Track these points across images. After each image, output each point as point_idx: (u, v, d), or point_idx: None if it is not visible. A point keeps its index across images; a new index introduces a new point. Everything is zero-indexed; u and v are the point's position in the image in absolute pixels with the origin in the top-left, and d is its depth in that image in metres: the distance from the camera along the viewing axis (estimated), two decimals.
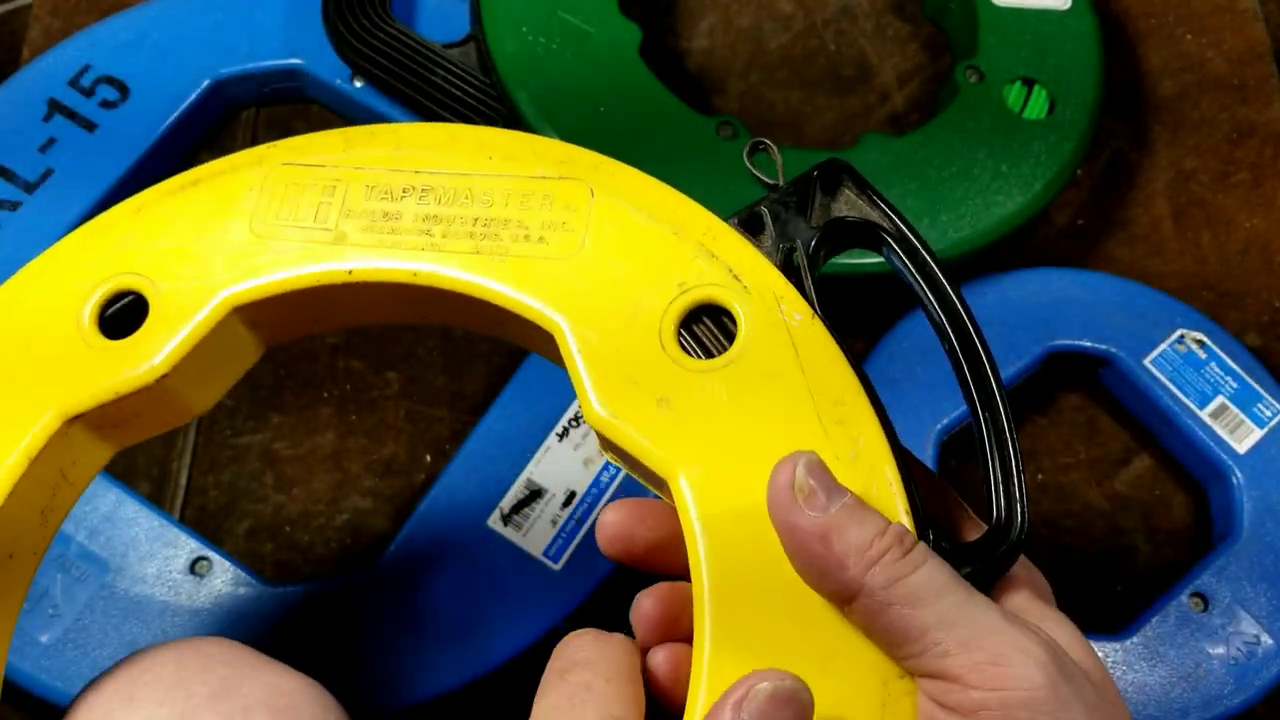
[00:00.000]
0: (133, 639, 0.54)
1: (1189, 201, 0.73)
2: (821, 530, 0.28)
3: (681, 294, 0.33)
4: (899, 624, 0.27)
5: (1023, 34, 0.69)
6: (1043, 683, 0.26)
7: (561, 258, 0.34)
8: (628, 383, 0.32)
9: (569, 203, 0.34)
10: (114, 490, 0.56)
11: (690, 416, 0.31)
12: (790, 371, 0.32)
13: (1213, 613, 0.57)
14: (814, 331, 0.32)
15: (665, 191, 0.35)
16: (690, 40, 0.77)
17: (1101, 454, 0.65)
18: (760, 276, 0.33)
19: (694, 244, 0.34)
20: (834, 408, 0.31)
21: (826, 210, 0.35)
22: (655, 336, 0.32)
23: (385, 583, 0.56)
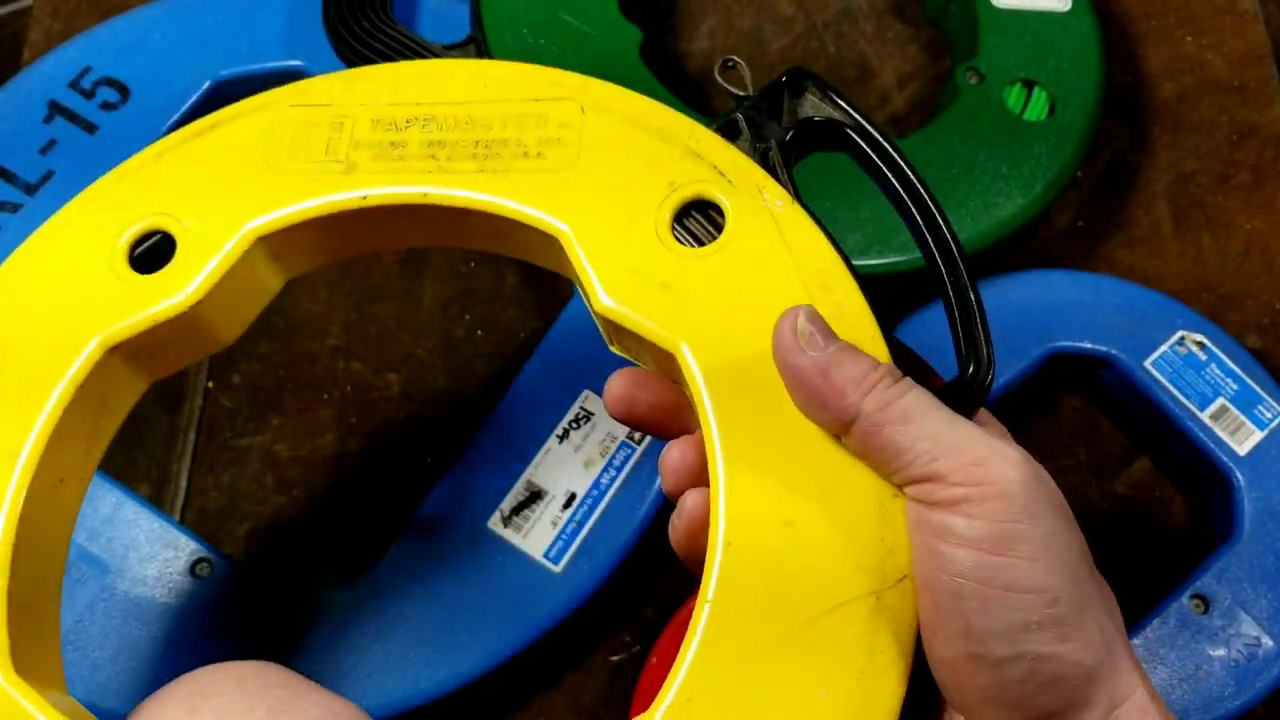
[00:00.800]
0: (133, 641, 0.54)
1: (1189, 203, 0.73)
2: (821, 366, 0.32)
3: (673, 191, 0.36)
4: (893, 440, 0.31)
5: (1023, 36, 0.69)
6: (1017, 479, 0.30)
7: (559, 169, 0.37)
8: (630, 273, 0.35)
9: (562, 120, 0.37)
10: (114, 492, 0.56)
11: (690, 295, 0.35)
12: (776, 250, 0.35)
13: (1213, 615, 0.57)
14: (794, 214, 0.36)
15: (650, 104, 0.38)
16: (691, 42, 0.77)
17: (1102, 455, 0.65)
18: (743, 171, 0.36)
19: (680, 147, 0.37)
20: (818, 276, 0.35)
21: (795, 113, 0.39)
22: (652, 231, 0.35)
23: (386, 584, 0.56)
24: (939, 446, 0.30)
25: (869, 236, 0.61)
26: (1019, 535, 0.29)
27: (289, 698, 0.39)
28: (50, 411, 0.36)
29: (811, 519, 0.32)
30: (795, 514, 0.32)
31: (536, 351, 0.62)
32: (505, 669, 0.55)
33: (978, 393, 0.34)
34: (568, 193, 0.36)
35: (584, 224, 0.36)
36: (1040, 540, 0.29)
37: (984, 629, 0.29)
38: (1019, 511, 0.29)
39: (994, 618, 0.29)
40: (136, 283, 0.37)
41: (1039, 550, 0.29)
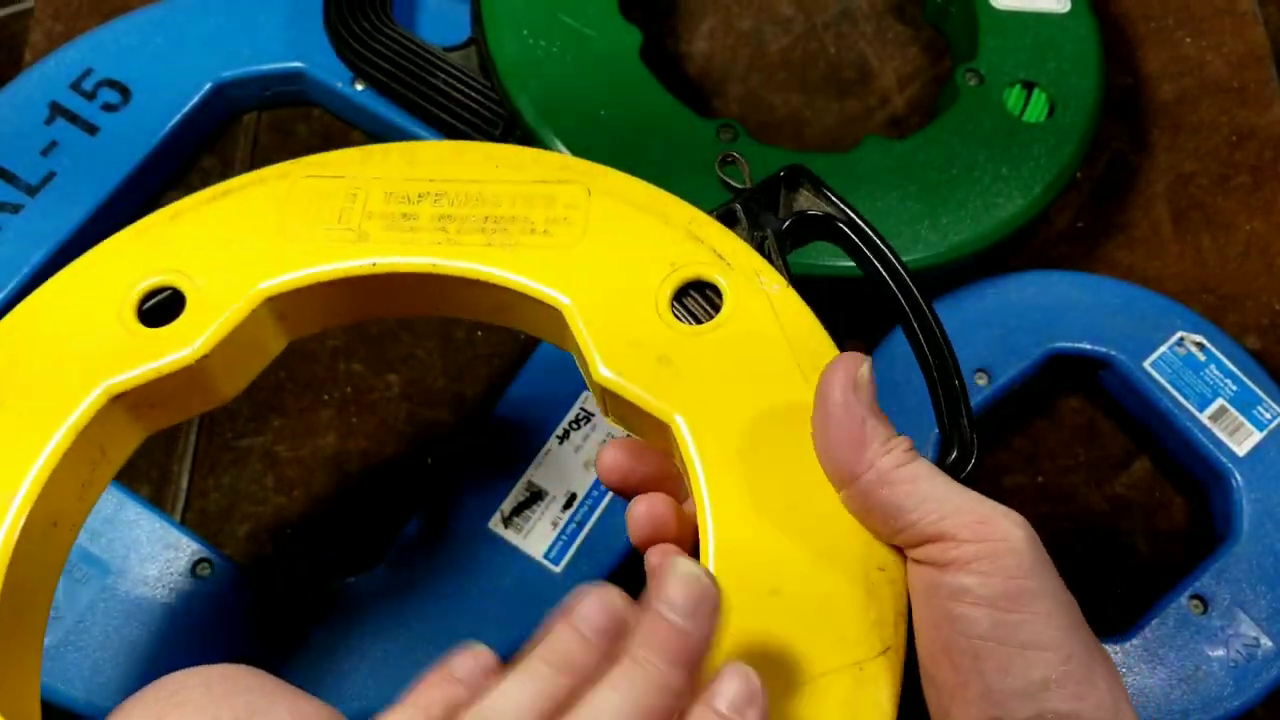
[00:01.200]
0: (134, 641, 0.54)
1: (1189, 204, 0.73)
2: (862, 415, 0.33)
3: (673, 271, 0.37)
4: (899, 500, 0.32)
5: (1022, 37, 0.69)
6: (1024, 537, 0.31)
7: (565, 246, 0.38)
8: (629, 346, 0.36)
9: (569, 201, 0.39)
10: (114, 492, 0.57)
11: (686, 370, 0.36)
12: (771, 331, 0.37)
13: (1212, 615, 0.57)
14: (789, 298, 0.37)
15: (654, 190, 0.40)
16: (690, 43, 0.77)
17: (1101, 456, 0.65)
18: (740, 255, 0.38)
19: (682, 230, 0.38)
20: (811, 358, 0.36)
21: (790, 206, 0.41)
22: (652, 308, 0.37)
23: (386, 585, 0.56)
24: (944, 506, 0.31)
25: None
26: (1032, 591, 0.30)
27: (258, 703, 0.39)
28: (50, 454, 0.36)
29: (797, 589, 0.33)
30: (781, 584, 0.33)
31: (536, 352, 0.62)
32: None
33: (970, 477, 0.36)
34: (572, 268, 0.38)
35: (586, 298, 0.37)
36: (1050, 596, 0.30)
37: (1004, 690, 0.30)
38: (1029, 568, 0.30)
39: (1014, 677, 0.30)
40: (144, 336, 0.38)
41: (1051, 606, 0.30)
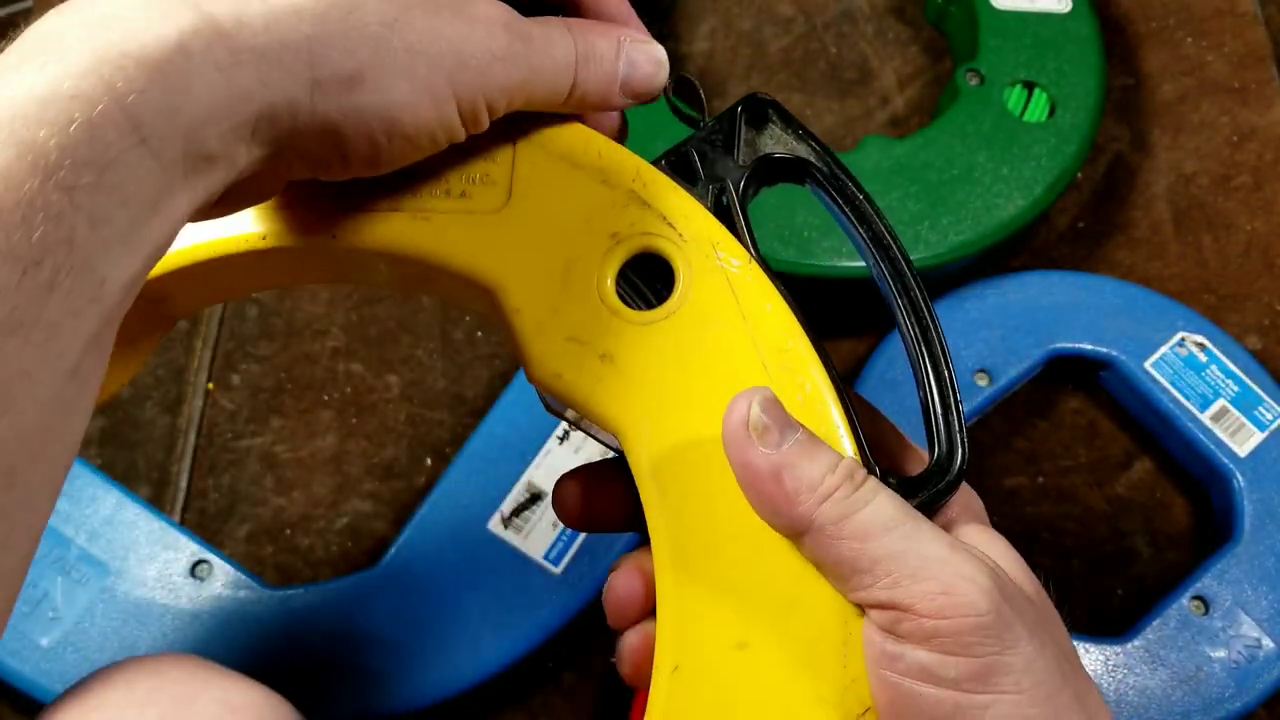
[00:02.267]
0: (133, 642, 0.54)
1: (1189, 204, 0.73)
2: (775, 467, 0.28)
3: (616, 244, 0.32)
4: (850, 557, 0.28)
5: (1023, 37, 0.69)
6: (988, 609, 0.27)
7: (486, 211, 0.32)
8: (569, 340, 0.31)
9: (490, 154, 0.32)
10: (114, 493, 0.56)
11: (635, 371, 0.31)
12: (732, 319, 0.31)
13: (1213, 616, 0.57)
14: (752, 276, 0.32)
15: (589, 136, 0.33)
16: (691, 43, 0.77)
17: (1102, 457, 0.65)
18: (694, 223, 0.32)
19: (624, 192, 0.32)
20: (777, 354, 0.31)
21: (754, 147, 0.34)
22: (593, 289, 0.31)
23: (385, 586, 0.56)
24: (901, 569, 0.27)
25: None
26: (1000, 668, 0.27)
27: (183, 695, 0.37)
28: None
29: (767, 641, 0.29)
30: (750, 635, 0.29)
31: None
32: (505, 669, 0.55)
33: (950, 486, 0.31)
34: (497, 239, 0.32)
35: (516, 276, 0.32)
36: (1021, 669, 0.27)
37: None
38: (996, 641, 0.27)
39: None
40: None
41: (1022, 681, 0.27)
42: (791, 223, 0.61)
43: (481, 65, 0.28)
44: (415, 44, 0.27)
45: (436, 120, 0.28)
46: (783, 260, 0.60)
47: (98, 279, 0.22)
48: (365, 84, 0.26)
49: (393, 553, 0.56)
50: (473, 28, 0.28)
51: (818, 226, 0.61)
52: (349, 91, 0.26)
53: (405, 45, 0.26)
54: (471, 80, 0.28)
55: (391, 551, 0.57)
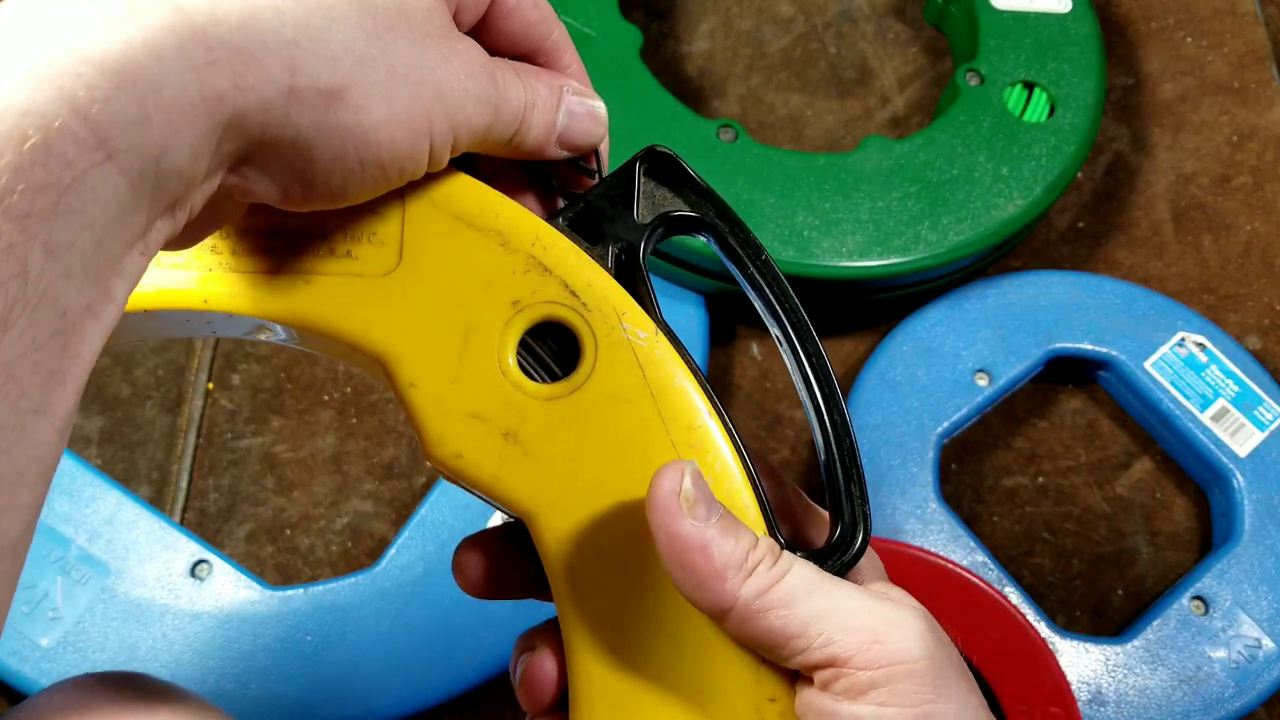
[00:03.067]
0: (133, 642, 0.54)
1: (1189, 205, 0.73)
2: (702, 542, 0.27)
3: (517, 313, 0.30)
4: (779, 627, 0.28)
5: (1023, 37, 0.69)
6: (921, 654, 0.27)
7: (375, 274, 0.30)
8: (470, 418, 0.29)
9: (377, 211, 0.30)
10: (114, 493, 0.56)
11: (540, 451, 0.29)
12: (639, 396, 0.30)
13: (1213, 616, 0.57)
14: (659, 349, 0.30)
15: (484, 193, 0.31)
16: (691, 43, 0.77)
17: (1102, 457, 0.65)
18: (598, 290, 0.30)
19: (524, 256, 0.30)
20: (686, 432, 0.30)
21: (654, 202, 0.32)
22: (494, 361, 0.30)
23: (385, 586, 0.56)
24: (832, 626, 0.27)
25: (869, 237, 0.61)
26: (936, 715, 0.27)
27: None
28: None
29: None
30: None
31: None
32: (505, 670, 0.55)
33: (856, 557, 0.31)
34: (387, 307, 0.29)
35: (410, 349, 0.29)
36: (954, 715, 0.27)
37: None
38: (930, 690, 0.27)
39: None
40: None
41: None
42: (791, 223, 0.61)
43: (458, 101, 0.27)
44: (398, 67, 0.25)
45: (409, 151, 0.26)
46: (783, 260, 0.60)
47: (58, 312, 0.20)
48: (344, 101, 0.24)
49: (393, 553, 0.56)
50: (454, 62, 0.27)
51: (817, 226, 0.62)
52: (327, 106, 0.24)
53: (389, 67, 0.25)
54: (446, 115, 0.26)
55: (391, 551, 0.57)
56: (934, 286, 0.65)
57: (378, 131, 0.25)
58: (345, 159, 0.25)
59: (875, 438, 0.60)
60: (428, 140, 0.26)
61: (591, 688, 0.29)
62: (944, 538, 0.58)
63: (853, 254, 0.61)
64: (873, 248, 0.61)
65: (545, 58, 0.31)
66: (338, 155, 0.25)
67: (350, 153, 0.25)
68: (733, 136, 0.64)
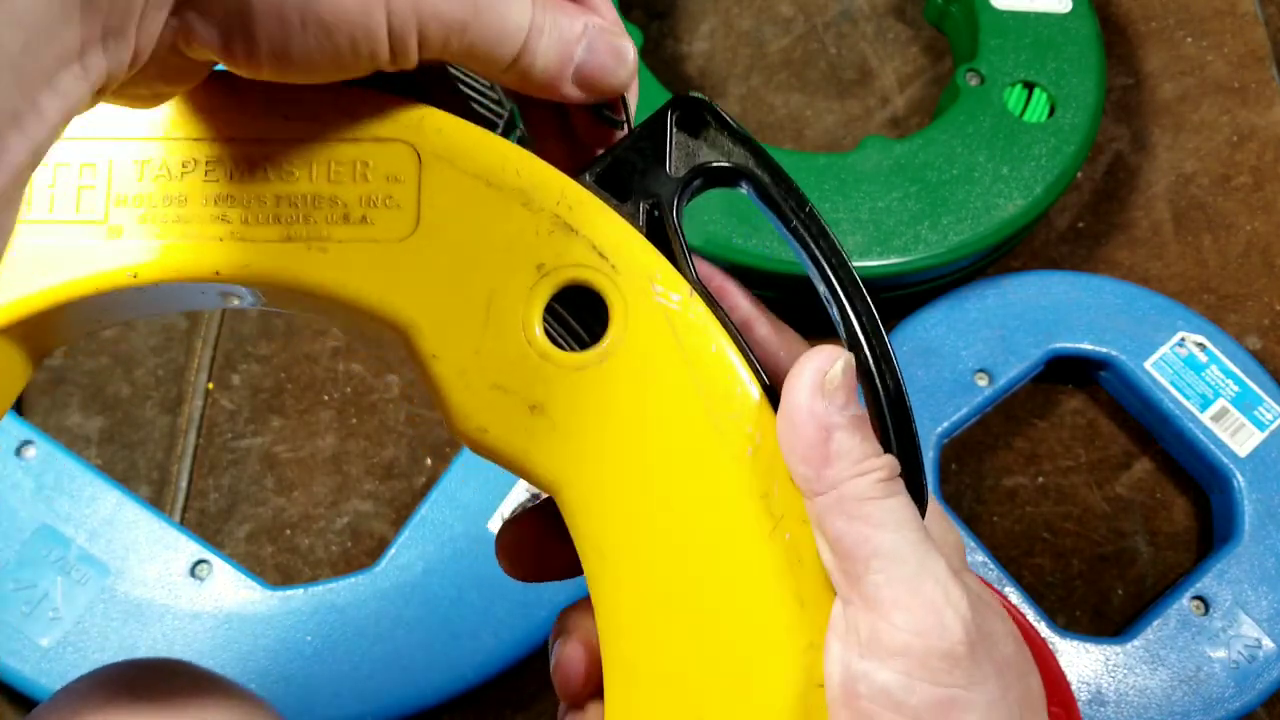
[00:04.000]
0: (133, 642, 0.54)
1: (1189, 204, 0.73)
2: (828, 425, 0.27)
3: (541, 277, 0.28)
4: (855, 539, 0.27)
5: (1023, 37, 0.69)
6: (962, 638, 0.26)
7: (391, 239, 0.28)
8: (494, 390, 0.28)
9: (391, 171, 0.29)
10: (114, 493, 0.56)
11: (569, 424, 0.28)
12: (673, 363, 0.28)
13: (1213, 616, 0.57)
14: (694, 312, 0.29)
15: (506, 150, 0.29)
16: (691, 43, 0.77)
17: (1102, 457, 0.65)
18: (628, 251, 0.29)
19: (549, 216, 0.29)
20: (724, 401, 0.28)
21: (688, 154, 0.30)
22: (518, 329, 0.28)
23: (385, 585, 0.56)
24: (894, 570, 0.26)
25: (869, 237, 0.61)
26: (962, 703, 0.26)
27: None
28: None
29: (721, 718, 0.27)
30: (702, 713, 0.27)
31: None
32: (505, 670, 0.55)
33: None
34: (406, 273, 0.28)
35: (430, 317, 0.28)
36: (983, 709, 0.26)
37: None
38: (963, 675, 0.26)
39: None
40: None
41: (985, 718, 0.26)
42: None
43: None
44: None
45: (360, 20, 0.24)
46: (783, 260, 0.60)
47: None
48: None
49: (393, 553, 0.56)
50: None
51: None
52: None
53: None
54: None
55: (391, 551, 0.57)
56: (934, 286, 0.65)
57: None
58: (285, 12, 0.23)
59: None
60: (382, 15, 0.24)
61: (625, 670, 0.28)
62: None
63: (853, 254, 0.61)
64: (873, 248, 0.61)
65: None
66: (277, 7, 0.23)
67: (291, 5, 0.23)
68: None
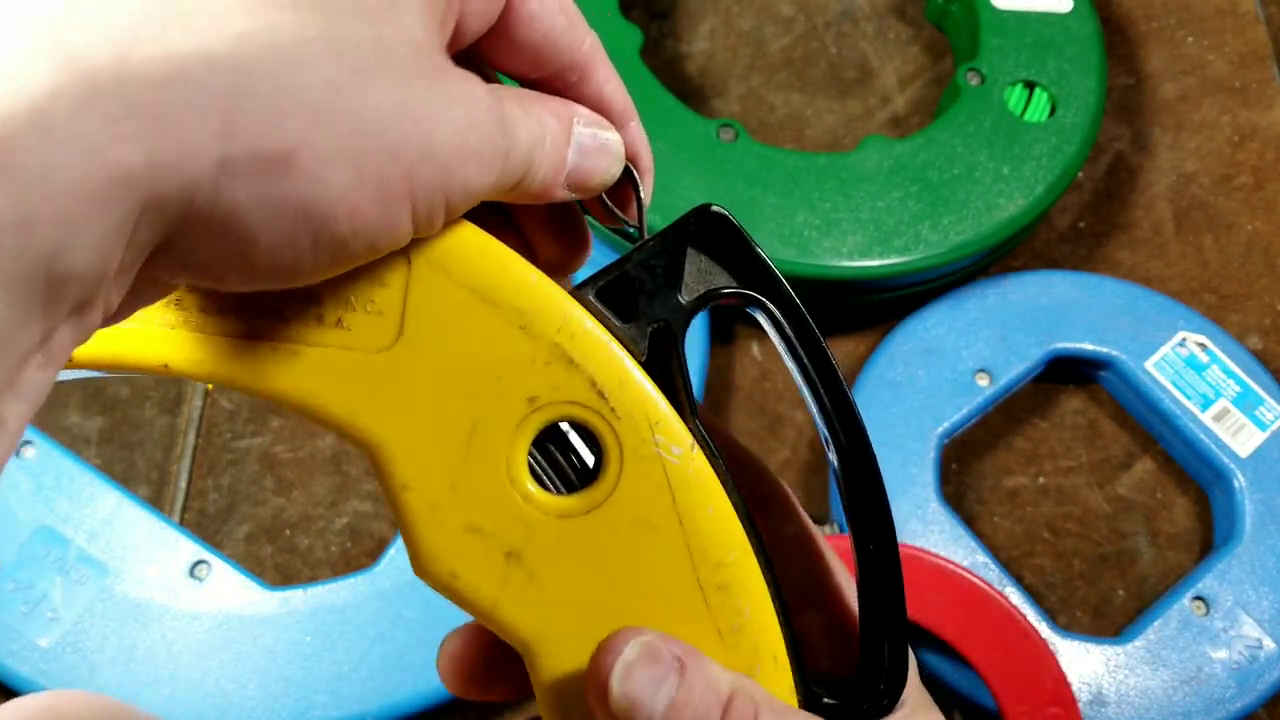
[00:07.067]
0: (132, 643, 0.53)
1: (1190, 204, 0.72)
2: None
3: (532, 411, 0.26)
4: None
5: (1024, 37, 0.69)
6: None
7: (370, 350, 0.25)
8: (468, 531, 0.26)
9: (376, 274, 0.25)
10: (113, 493, 0.56)
11: (547, 576, 0.26)
12: (666, 523, 0.26)
13: (1214, 616, 0.57)
14: (694, 468, 0.26)
15: (505, 262, 0.26)
16: (691, 43, 0.77)
17: (1103, 457, 0.65)
18: (629, 393, 0.26)
19: (548, 344, 0.26)
20: (716, 570, 0.26)
21: (702, 275, 0.27)
22: (501, 465, 0.26)
23: (385, 586, 0.55)
24: None
25: (869, 237, 0.61)
26: None
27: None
28: None
29: None
30: None
31: None
32: None
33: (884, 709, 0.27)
34: (381, 390, 0.25)
35: (404, 443, 0.26)
36: None
37: None
38: None
39: None
40: None
41: None
42: (792, 223, 0.61)
43: (452, 159, 0.21)
44: (369, 123, 0.20)
45: (381, 224, 0.21)
46: (783, 260, 0.60)
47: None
48: (294, 168, 0.19)
49: (392, 553, 0.56)
50: (451, 110, 0.21)
51: (818, 226, 0.61)
52: (270, 175, 0.19)
53: (355, 122, 0.20)
54: (436, 177, 0.21)
55: (391, 551, 0.56)
56: (934, 286, 0.65)
57: (336, 204, 0.20)
58: (295, 238, 0.20)
59: (875, 438, 0.59)
60: (407, 209, 0.21)
61: None
62: (944, 538, 0.58)
63: (853, 254, 0.61)
64: (873, 248, 0.61)
65: (576, 74, 0.26)
66: (286, 234, 0.20)
67: (301, 230, 0.20)
68: (733, 136, 0.64)
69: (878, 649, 0.27)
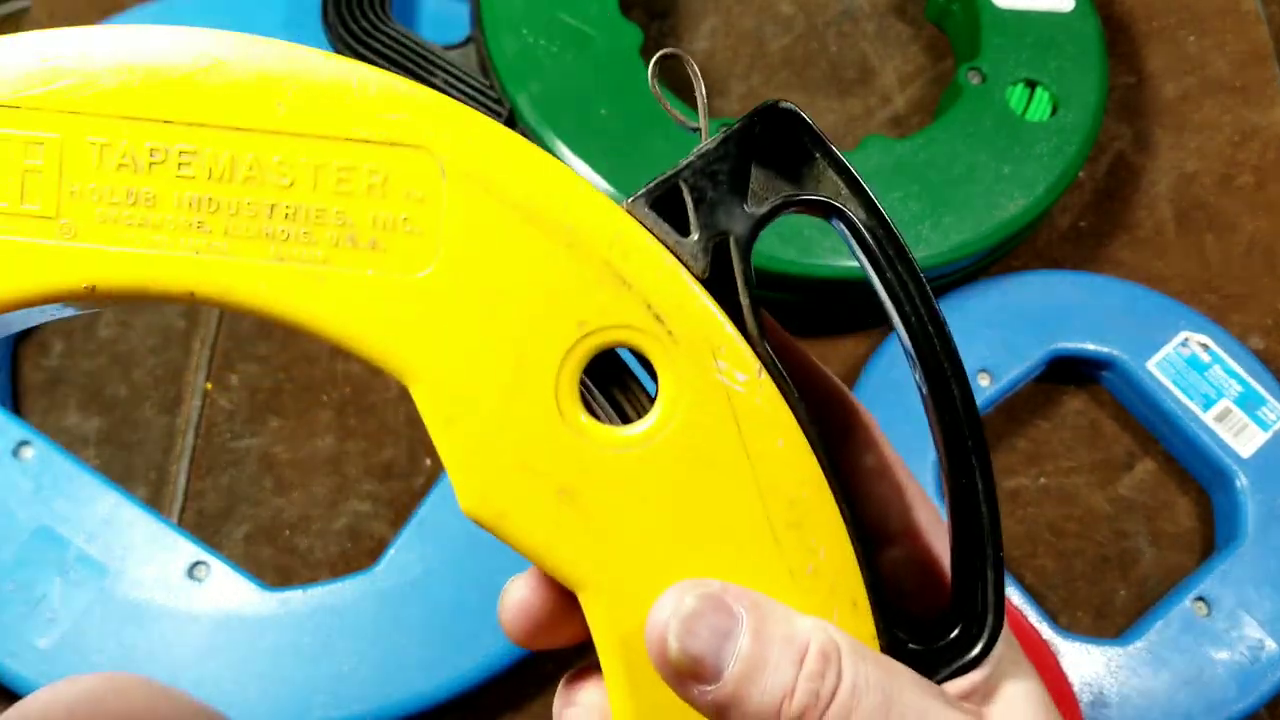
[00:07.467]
0: (131, 644, 0.53)
1: (1192, 204, 0.72)
2: (719, 705, 0.22)
3: (583, 337, 0.24)
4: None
5: (1025, 36, 0.69)
6: None
7: (404, 272, 0.24)
8: (518, 467, 0.24)
9: (409, 187, 0.23)
10: (112, 494, 0.56)
11: (602, 515, 0.24)
12: (731, 456, 0.24)
13: (1216, 617, 0.57)
14: (762, 397, 0.24)
15: (552, 175, 0.24)
16: (691, 42, 0.77)
17: (1105, 458, 0.65)
18: (689, 315, 0.24)
19: (598, 262, 0.24)
20: (788, 508, 0.24)
21: (770, 182, 0.25)
22: (550, 398, 0.24)
23: (384, 587, 0.55)
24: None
25: None
26: None
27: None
28: None
29: None
30: None
31: None
32: (505, 671, 0.54)
33: (974, 660, 0.25)
34: (418, 314, 0.24)
35: (444, 370, 0.24)
36: None
37: None
38: None
39: None
40: None
41: None
42: (792, 222, 0.61)
43: None
44: None
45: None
46: (783, 260, 0.60)
47: None
48: None
49: (392, 554, 0.56)
50: None
51: (818, 226, 0.61)
52: None
53: None
54: None
55: (390, 552, 0.56)
56: (935, 286, 0.65)
57: None
58: None
59: None
60: None
61: None
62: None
63: None
64: None
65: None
66: None
67: None
68: None
69: (971, 591, 0.25)
